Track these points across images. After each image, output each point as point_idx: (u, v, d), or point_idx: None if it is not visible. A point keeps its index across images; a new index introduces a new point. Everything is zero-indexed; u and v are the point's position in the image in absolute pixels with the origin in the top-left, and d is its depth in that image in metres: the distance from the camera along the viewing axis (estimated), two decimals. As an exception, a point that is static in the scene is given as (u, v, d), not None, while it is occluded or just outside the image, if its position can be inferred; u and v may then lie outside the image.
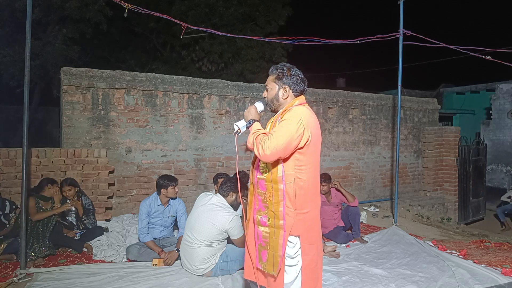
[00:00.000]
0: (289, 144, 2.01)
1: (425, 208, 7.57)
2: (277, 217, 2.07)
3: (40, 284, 3.15)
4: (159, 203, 4.02)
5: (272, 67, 2.27)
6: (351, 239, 4.76)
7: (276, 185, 2.08)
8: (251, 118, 2.20)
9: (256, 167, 2.21)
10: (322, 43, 5.51)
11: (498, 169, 12.70)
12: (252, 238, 2.20)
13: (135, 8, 4.38)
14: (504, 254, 4.37)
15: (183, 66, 12.88)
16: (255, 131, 2.12)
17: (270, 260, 2.09)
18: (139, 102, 5.41)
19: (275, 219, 2.07)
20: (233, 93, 6.14)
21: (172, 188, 3.99)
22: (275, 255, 2.06)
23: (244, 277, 2.34)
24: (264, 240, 2.12)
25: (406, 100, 8.27)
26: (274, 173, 2.08)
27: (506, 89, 12.86)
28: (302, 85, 2.22)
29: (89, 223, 4.32)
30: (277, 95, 2.21)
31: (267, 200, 2.11)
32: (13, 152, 4.37)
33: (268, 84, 2.26)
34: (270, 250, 2.09)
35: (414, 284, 3.46)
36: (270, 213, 2.10)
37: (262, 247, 2.12)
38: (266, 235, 2.11)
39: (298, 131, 2.02)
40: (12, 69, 9.58)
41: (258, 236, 2.14)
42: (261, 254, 2.13)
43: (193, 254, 3.35)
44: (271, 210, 2.09)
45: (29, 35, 3.29)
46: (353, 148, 7.49)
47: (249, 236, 2.24)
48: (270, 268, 2.09)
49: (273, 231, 2.08)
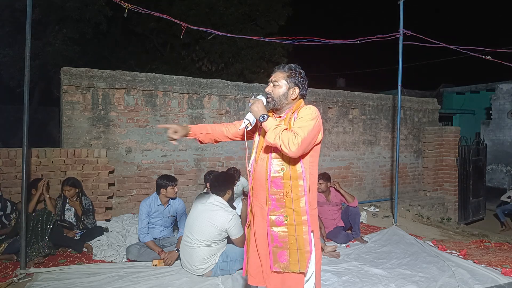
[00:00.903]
0: (312, 140, 2.05)
1: (425, 208, 7.57)
2: (298, 213, 2.04)
3: (40, 284, 3.15)
4: (159, 203, 4.02)
5: (284, 64, 2.25)
6: (351, 239, 4.76)
7: (296, 182, 2.06)
8: (263, 113, 2.10)
9: (268, 167, 2.12)
10: (322, 43, 5.51)
11: (498, 169, 12.70)
12: (265, 241, 2.12)
13: (135, 8, 4.38)
14: (504, 254, 4.37)
15: (183, 66, 12.87)
16: (275, 127, 2.03)
17: (293, 258, 2.03)
18: (139, 102, 5.41)
19: (295, 216, 2.04)
20: (233, 93, 6.14)
21: (172, 188, 3.99)
22: (301, 252, 2.02)
23: (250, 284, 2.24)
24: (281, 241, 2.06)
25: (406, 100, 8.27)
26: (293, 170, 2.06)
27: (506, 89, 12.86)
28: (306, 89, 2.26)
29: (88, 223, 4.32)
30: (286, 94, 2.18)
31: (285, 198, 2.07)
32: (13, 152, 4.37)
33: (278, 80, 2.18)
34: (292, 249, 2.03)
35: (414, 284, 3.46)
36: (288, 211, 2.05)
37: (279, 248, 2.05)
38: (284, 235, 2.06)
39: (317, 127, 2.07)
40: (12, 69, 9.59)
41: (273, 238, 2.07)
42: (277, 256, 2.06)
43: (193, 254, 3.35)
44: (290, 208, 2.05)
45: (29, 35, 3.29)
46: (353, 148, 7.49)
47: (260, 239, 2.15)
48: (294, 266, 2.02)
49: (293, 229, 2.04)
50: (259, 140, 2.25)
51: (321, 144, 2.24)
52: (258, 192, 2.18)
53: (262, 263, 2.14)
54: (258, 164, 2.18)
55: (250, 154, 2.25)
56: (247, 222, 2.29)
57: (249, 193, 2.27)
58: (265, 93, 2.23)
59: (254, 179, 2.21)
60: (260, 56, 12.85)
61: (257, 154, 2.22)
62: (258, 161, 2.19)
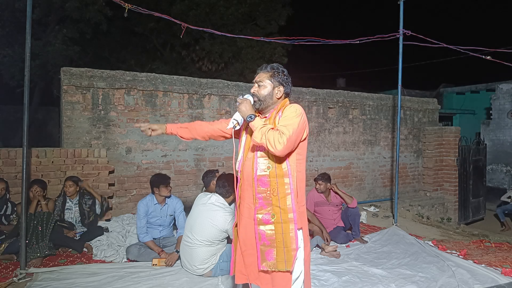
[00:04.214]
0: (298, 137, 2.05)
1: (425, 208, 7.58)
2: (285, 211, 2.05)
3: (40, 284, 3.15)
4: (155, 202, 4.01)
5: (266, 65, 2.25)
6: (351, 239, 4.76)
7: (281, 179, 2.07)
8: (251, 113, 2.10)
9: (254, 166, 2.13)
10: (322, 43, 5.51)
11: (498, 169, 12.69)
12: (252, 241, 2.13)
13: (135, 8, 4.37)
14: (504, 254, 4.37)
15: (183, 66, 12.88)
16: (262, 127, 2.03)
17: (280, 257, 2.04)
18: (139, 102, 5.41)
19: (281, 214, 2.05)
20: (233, 93, 6.14)
21: (164, 186, 3.96)
22: (287, 250, 2.03)
23: (237, 283, 2.26)
24: (269, 239, 2.07)
25: (406, 100, 8.27)
26: (279, 168, 2.07)
27: (506, 89, 12.86)
28: (290, 88, 2.26)
29: (89, 224, 4.33)
30: (271, 93, 2.18)
31: (271, 196, 2.07)
32: (13, 152, 4.37)
33: (262, 81, 2.19)
34: (279, 247, 2.04)
35: (414, 284, 3.46)
36: (275, 209, 2.06)
37: (267, 246, 2.06)
38: (271, 233, 2.07)
39: (302, 124, 2.08)
40: (12, 69, 9.59)
41: (261, 236, 2.08)
42: (264, 255, 2.07)
43: (193, 254, 3.35)
44: (276, 206, 2.06)
45: (29, 35, 3.29)
46: (353, 148, 7.49)
47: (247, 239, 2.16)
48: (281, 265, 2.03)
49: (280, 227, 2.05)
50: (245, 139, 2.24)
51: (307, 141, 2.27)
52: (246, 192, 2.18)
53: (250, 262, 2.15)
54: (245, 163, 2.19)
55: (237, 154, 2.25)
56: (234, 221, 2.29)
57: (236, 192, 2.26)
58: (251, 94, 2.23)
59: (242, 179, 2.21)
60: (260, 56, 12.85)
61: (245, 153, 2.22)
62: (245, 161, 2.20)
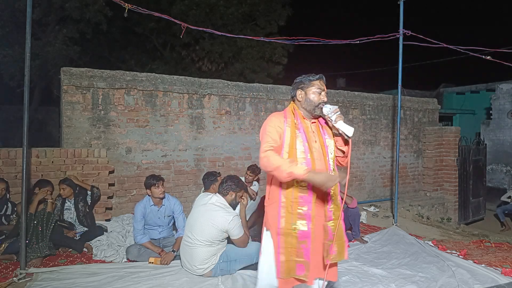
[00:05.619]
0: None
1: (425, 208, 7.58)
2: (339, 208, 2.26)
3: (40, 284, 3.15)
4: (151, 204, 4.00)
5: (321, 75, 2.36)
6: (351, 239, 4.76)
7: None
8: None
9: (328, 167, 2.25)
10: (322, 43, 5.51)
11: (498, 169, 12.69)
12: (320, 237, 2.18)
13: (135, 8, 4.38)
14: (504, 254, 4.37)
15: (183, 66, 12.88)
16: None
17: (340, 250, 2.22)
18: (139, 102, 5.41)
19: (336, 210, 2.25)
20: (233, 93, 6.14)
21: (156, 187, 3.91)
22: (342, 243, 2.24)
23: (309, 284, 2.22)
24: (332, 234, 2.20)
25: (406, 100, 8.27)
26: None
27: (506, 89, 12.85)
28: None
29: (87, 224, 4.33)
30: None
31: (333, 194, 2.24)
32: (13, 152, 4.37)
33: (325, 89, 2.36)
34: (338, 241, 2.21)
35: (414, 284, 3.46)
36: (334, 206, 2.25)
37: (331, 241, 2.18)
38: (333, 229, 2.22)
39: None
40: (12, 69, 9.60)
41: (328, 232, 2.20)
42: (328, 249, 2.18)
43: (193, 254, 3.35)
44: (336, 204, 2.25)
45: (29, 35, 3.29)
46: (353, 148, 7.48)
47: (317, 236, 2.18)
48: (341, 256, 2.23)
49: (337, 223, 2.22)
50: (328, 144, 2.31)
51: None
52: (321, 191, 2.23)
53: (317, 257, 2.24)
54: (330, 164, 2.30)
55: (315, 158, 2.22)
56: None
57: (329, 190, 2.22)
58: (324, 102, 2.30)
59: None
60: (260, 56, 12.86)
61: (326, 155, 2.28)
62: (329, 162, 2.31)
